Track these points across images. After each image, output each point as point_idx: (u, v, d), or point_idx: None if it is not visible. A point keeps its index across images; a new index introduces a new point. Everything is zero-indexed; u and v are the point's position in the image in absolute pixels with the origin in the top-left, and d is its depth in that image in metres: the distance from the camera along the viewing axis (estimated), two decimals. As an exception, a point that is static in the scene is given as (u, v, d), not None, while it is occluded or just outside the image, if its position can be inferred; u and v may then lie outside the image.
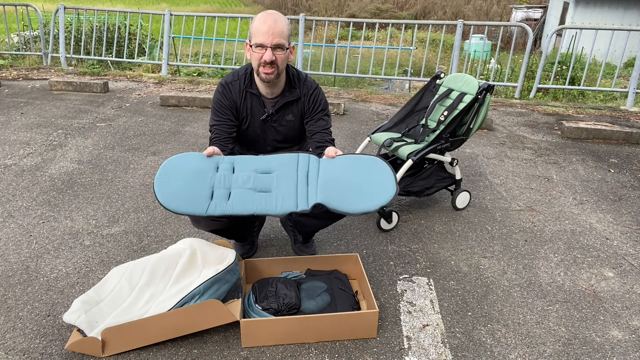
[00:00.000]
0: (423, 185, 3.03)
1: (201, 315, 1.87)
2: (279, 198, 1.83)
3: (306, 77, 2.25)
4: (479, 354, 1.94)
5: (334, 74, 7.06)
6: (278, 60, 2.02)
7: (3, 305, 2.12)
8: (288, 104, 2.22)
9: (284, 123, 2.25)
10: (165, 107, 5.46)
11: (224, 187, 1.82)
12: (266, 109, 2.20)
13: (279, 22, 1.99)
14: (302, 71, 2.27)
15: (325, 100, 2.27)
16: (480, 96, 2.88)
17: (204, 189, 1.77)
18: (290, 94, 2.19)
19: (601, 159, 4.27)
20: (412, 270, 2.49)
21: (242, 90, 2.18)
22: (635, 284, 2.44)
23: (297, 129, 2.30)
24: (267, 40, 1.98)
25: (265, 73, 2.05)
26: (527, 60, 6.50)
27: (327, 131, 2.24)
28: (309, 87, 2.22)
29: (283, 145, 2.37)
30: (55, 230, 2.74)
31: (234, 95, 2.18)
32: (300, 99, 2.23)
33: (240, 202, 1.78)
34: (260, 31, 1.97)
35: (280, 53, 2.02)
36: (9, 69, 7.10)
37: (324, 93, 2.27)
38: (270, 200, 1.82)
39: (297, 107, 2.23)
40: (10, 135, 4.28)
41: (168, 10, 7.04)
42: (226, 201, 1.77)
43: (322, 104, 2.25)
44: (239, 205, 1.76)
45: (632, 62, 9.67)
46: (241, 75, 2.19)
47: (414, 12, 22.44)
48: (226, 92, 2.18)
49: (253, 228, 2.61)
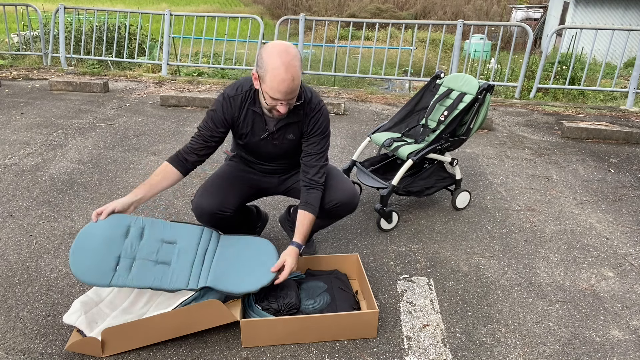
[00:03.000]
0: (423, 185, 3.02)
1: (201, 315, 1.87)
2: (175, 274, 1.92)
3: (311, 97, 2.14)
4: (479, 354, 1.94)
5: (334, 74, 7.06)
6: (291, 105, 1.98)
7: (3, 305, 2.12)
8: (290, 123, 2.15)
9: (284, 141, 2.19)
10: (165, 107, 5.46)
11: (129, 257, 1.91)
12: (268, 126, 2.14)
13: (296, 79, 1.88)
14: (308, 87, 2.16)
15: (326, 122, 2.18)
16: (480, 96, 2.88)
17: (110, 260, 1.87)
18: (293, 115, 2.11)
19: (601, 159, 4.27)
20: (412, 270, 2.49)
21: (244, 107, 2.11)
22: (635, 284, 2.44)
23: (298, 147, 2.24)
24: (285, 98, 1.91)
25: (278, 114, 2.00)
26: (527, 60, 6.50)
27: (319, 156, 2.17)
28: (312, 109, 2.13)
29: (283, 160, 2.32)
30: (55, 230, 2.74)
31: (234, 110, 2.11)
32: (302, 120, 2.15)
33: (139, 274, 1.88)
34: (279, 90, 1.88)
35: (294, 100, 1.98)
36: (9, 69, 7.10)
37: (327, 114, 2.18)
38: (166, 275, 1.90)
39: (298, 127, 2.16)
40: (10, 135, 4.28)
41: (168, 10, 7.04)
42: (128, 272, 1.87)
43: (322, 127, 2.16)
44: (137, 278, 1.86)
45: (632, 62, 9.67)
46: (245, 90, 2.09)
47: (414, 12, 22.44)
48: (226, 106, 2.10)
49: (255, 228, 2.61)
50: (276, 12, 23.22)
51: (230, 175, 2.30)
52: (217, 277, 1.94)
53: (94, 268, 1.82)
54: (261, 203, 3.07)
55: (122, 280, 1.82)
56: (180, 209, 3.03)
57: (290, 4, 24.61)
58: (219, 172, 2.32)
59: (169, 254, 1.98)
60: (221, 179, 2.27)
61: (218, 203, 2.17)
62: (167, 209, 3.03)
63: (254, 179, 2.34)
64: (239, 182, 2.30)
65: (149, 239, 2.00)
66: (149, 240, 1.99)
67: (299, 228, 2.10)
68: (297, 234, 2.10)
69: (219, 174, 2.31)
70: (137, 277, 1.85)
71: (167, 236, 2.04)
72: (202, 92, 6.03)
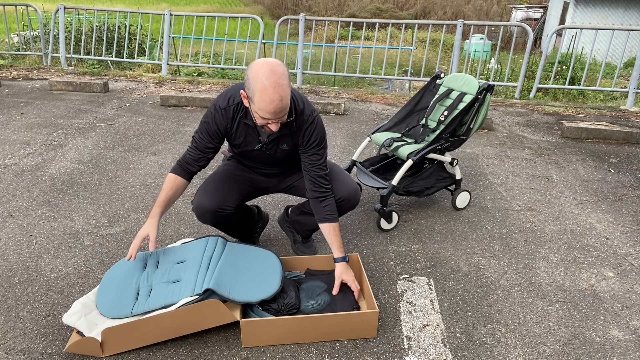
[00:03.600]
0: (423, 185, 3.02)
1: (201, 315, 1.87)
2: (184, 285, 1.96)
3: (304, 107, 2.09)
4: (479, 354, 1.94)
5: (334, 74, 7.06)
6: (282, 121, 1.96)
7: (3, 305, 2.12)
8: (283, 135, 2.12)
9: (278, 152, 2.18)
10: (165, 107, 5.46)
11: (147, 285, 2.02)
12: (261, 137, 2.13)
13: (285, 98, 1.85)
14: (300, 97, 2.10)
15: (322, 133, 2.15)
16: (480, 96, 2.87)
17: (130, 293, 1.99)
18: (286, 128, 2.07)
19: (601, 158, 4.27)
20: (412, 270, 2.49)
21: (236, 118, 2.08)
22: (635, 284, 2.44)
23: (292, 156, 2.22)
24: (274, 117, 1.89)
25: (270, 130, 1.97)
26: (527, 60, 6.50)
27: (321, 167, 2.15)
28: (305, 121, 2.09)
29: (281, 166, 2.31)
30: (55, 230, 2.74)
31: (226, 121, 2.08)
32: (295, 132, 2.12)
33: (155, 296, 1.95)
34: (268, 111, 1.85)
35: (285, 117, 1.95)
36: (9, 69, 7.10)
37: (321, 125, 2.15)
38: (176, 290, 1.95)
39: (291, 139, 2.14)
40: (10, 135, 4.28)
41: (168, 10, 7.04)
42: (147, 298, 1.95)
43: (318, 139, 2.13)
44: (153, 300, 1.93)
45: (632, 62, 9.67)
46: (237, 102, 2.06)
47: (414, 12, 22.44)
48: (217, 118, 2.07)
49: (256, 228, 2.61)
50: (276, 12, 23.22)
51: (230, 174, 2.30)
52: (220, 281, 1.95)
53: (116, 303, 1.93)
54: (261, 203, 3.07)
55: (142, 307, 1.90)
56: (180, 209, 3.03)
57: (290, 4, 24.60)
58: (218, 172, 2.32)
59: (179, 271, 2.06)
60: (221, 178, 2.27)
61: (219, 201, 2.17)
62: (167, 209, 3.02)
63: (254, 179, 2.34)
64: (239, 180, 2.30)
65: (163, 264, 2.12)
66: (163, 266, 2.11)
67: (333, 242, 2.15)
68: (334, 249, 2.15)
69: (218, 173, 2.31)
70: (153, 299, 1.92)
71: (177, 258, 2.15)
72: (202, 92, 6.03)
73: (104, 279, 2.07)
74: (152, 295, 1.95)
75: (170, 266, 2.10)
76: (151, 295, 1.95)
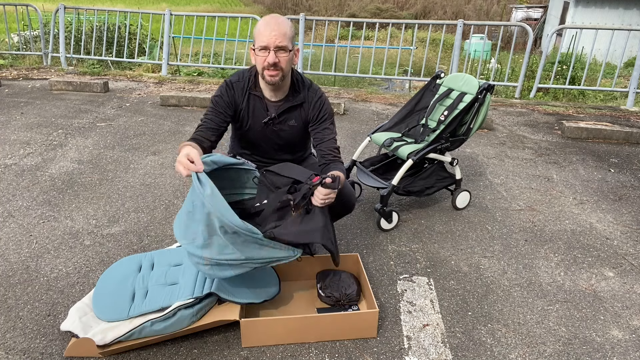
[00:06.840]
0: (423, 185, 3.02)
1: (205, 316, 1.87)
2: (182, 289, 1.97)
3: (311, 83, 2.23)
4: (479, 354, 1.94)
5: (334, 73, 7.06)
6: (282, 62, 2.01)
7: (3, 305, 2.12)
8: (291, 108, 2.20)
9: (286, 128, 2.23)
10: (165, 106, 5.46)
11: (143, 287, 2.02)
12: (269, 112, 2.19)
13: (282, 25, 1.98)
14: (307, 78, 2.25)
15: (330, 108, 2.24)
16: (480, 96, 2.87)
17: (126, 295, 1.98)
18: (294, 99, 2.18)
19: (601, 158, 4.27)
20: (412, 270, 2.49)
21: (246, 92, 2.18)
22: (635, 284, 2.44)
23: (300, 136, 2.27)
24: (270, 42, 1.97)
25: (270, 75, 2.04)
26: (527, 60, 6.50)
27: (333, 140, 2.21)
28: (313, 94, 2.20)
29: (285, 153, 2.34)
30: (55, 230, 2.74)
31: (237, 95, 2.18)
32: (303, 104, 2.21)
33: (151, 298, 1.95)
34: (264, 34, 1.97)
35: (284, 55, 2.01)
36: (9, 68, 7.10)
37: (329, 101, 2.26)
38: (174, 293, 1.95)
39: (300, 113, 2.21)
40: (11, 135, 4.28)
41: (168, 10, 7.04)
42: (143, 300, 1.95)
43: (328, 112, 2.22)
44: (150, 302, 1.93)
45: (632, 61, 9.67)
46: (246, 76, 2.19)
47: (414, 12, 22.45)
48: (229, 91, 2.18)
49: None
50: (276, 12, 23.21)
51: None
52: (221, 284, 1.94)
53: (112, 306, 1.93)
54: (261, 203, 3.07)
55: (138, 309, 1.89)
56: (180, 209, 3.03)
57: (290, 3, 24.61)
58: None
59: (176, 274, 2.06)
60: None
61: None
62: (167, 209, 3.02)
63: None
64: None
65: (159, 267, 2.12)
66: (159, 268, 2.11)
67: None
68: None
69: None
70: (150, 301, 1.92)
71: (173, 260, 2.15)
72: (202, 92, 6.03)
73: (99, 283, 2.07)
74: (149, 297, 1.94)
75: (167, 268, 2.10)
76: (147, 297, 1.95)
